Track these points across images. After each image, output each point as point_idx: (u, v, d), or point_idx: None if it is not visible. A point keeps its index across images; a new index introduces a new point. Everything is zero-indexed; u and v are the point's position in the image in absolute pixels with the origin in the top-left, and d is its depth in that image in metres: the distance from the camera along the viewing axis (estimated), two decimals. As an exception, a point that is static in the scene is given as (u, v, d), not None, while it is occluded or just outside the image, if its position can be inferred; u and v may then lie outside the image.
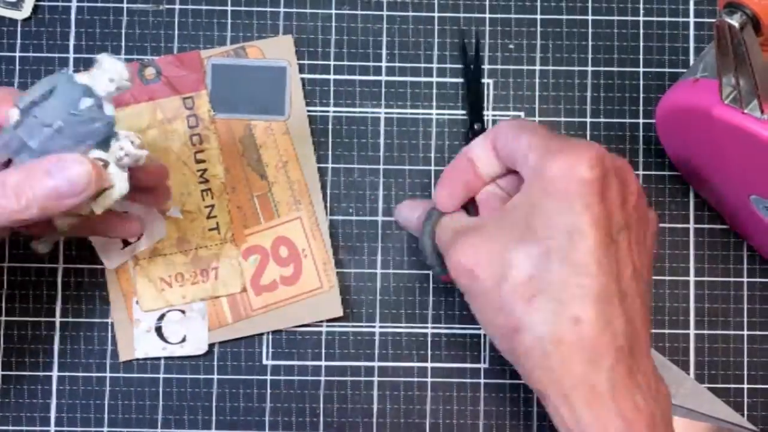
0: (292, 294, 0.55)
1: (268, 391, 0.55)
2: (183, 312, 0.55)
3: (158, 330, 0.55)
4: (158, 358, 0.55)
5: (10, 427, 0.55)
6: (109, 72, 0.43)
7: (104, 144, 0.44)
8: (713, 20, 0.55)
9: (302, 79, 0.57)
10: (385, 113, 0.57)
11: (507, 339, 0.43)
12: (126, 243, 0.55)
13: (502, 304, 0.42)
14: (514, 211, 0.44)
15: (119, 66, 0.43)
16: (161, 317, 0.55)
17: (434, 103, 0.57)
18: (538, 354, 0.42)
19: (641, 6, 0.58)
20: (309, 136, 0.56)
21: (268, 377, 0.55)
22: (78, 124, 0.43)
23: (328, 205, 0.56)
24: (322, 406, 0.55)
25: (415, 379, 0.56)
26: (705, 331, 0.56)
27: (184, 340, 0.55)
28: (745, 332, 0.56)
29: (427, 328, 0.56)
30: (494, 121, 0.57)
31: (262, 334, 0.55)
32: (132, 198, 0.47)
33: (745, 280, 0.57)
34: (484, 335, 0.56)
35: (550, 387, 0.42)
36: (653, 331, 0.56)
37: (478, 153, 0.48)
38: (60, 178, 0.42)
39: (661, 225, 0.57)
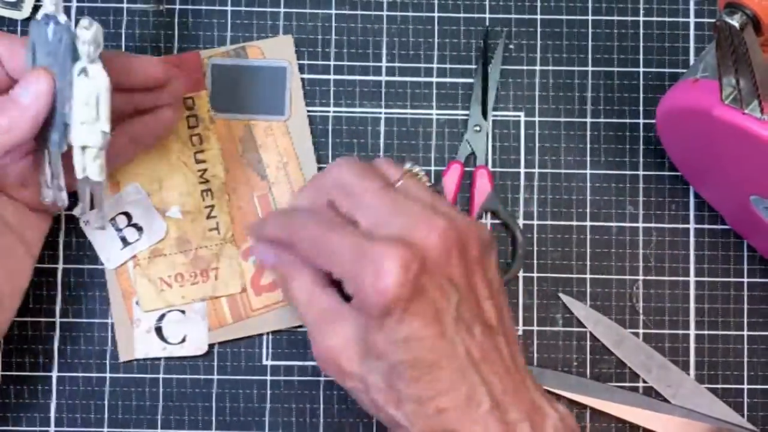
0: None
1: (268, 391, 0.55)
2: (183, 312, 0.55)
3: (158, 330, 0.55)
4: (158, 359, 0.55)
5: (10, 427, 0.55)
6: None
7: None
8: (713, 20, 0.55)
9: (302, 79, 0.57)
10: (385, 113, 0.57)
11: (390, 425, 0.45)
12: (126, 243, 0.55)
13: (375, 406, 0.45)
14: (358, 320, 0.44)
15: None
16: (161, 317, 0.55)
17: (434, 103, 0.57)
18: None
19: (641, 6, 0.58)
20: (309, 136, 0.56)
21: (268, 377, 0.55)
22: (56, 51, 0.47)
23: (328, 205, 0.56)
24: (322, 406, 0.55)
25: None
26: (705, 332, 0.56)
27: (184, 340, 0.55)
28: (746, 332, 0.56)
29: (427, 328, 0.56)
30: (492, 122, 0.57)
31: (262, 334, 0.55)
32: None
33: (745, 280, 0.57)
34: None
35: None
36: (654, 331, 0.56)
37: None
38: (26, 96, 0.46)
39: (662, 225, 0.57)
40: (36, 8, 0.56)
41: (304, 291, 0.47)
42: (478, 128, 0.57)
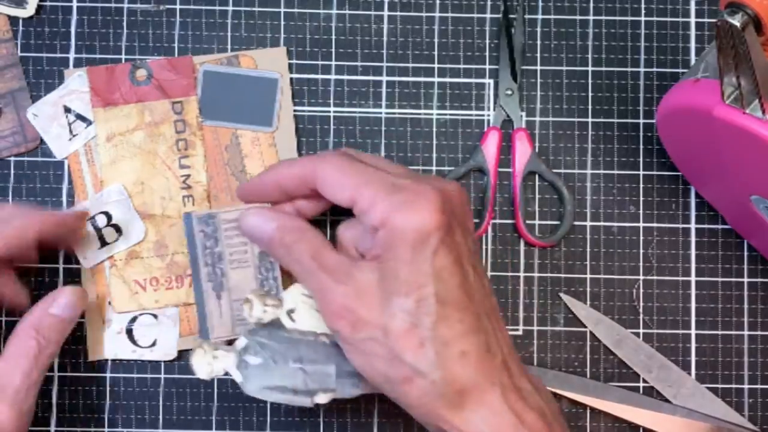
0: None
1: (269, 391, 0.55)
2: (155, 316, 0.55)
3: (129, 332, 0.55)
4: (159, 360, 0.55)
5: (10, 428, 0.55)
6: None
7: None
8: (714, 20, 0.55)
9: (302, 79, 0.57)
10: (386, 113, 0.57)
11: (399, 386, 0.45)
12: (104, 243, 0.55)
13: (391, 355, 0.44)
14: (381, 262, 0.45)
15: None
16: (133, 320, 0.55)
17: (434, 103, 0.57)
18: (434, 396, 0.44)
19: (642, 6, 0.58)
20: (295, 150, 0.56)
21: (269, 377, 0.55)
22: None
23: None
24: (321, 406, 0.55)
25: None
26: (706, 332, 0.56)
27: (154, 344, 0.55)
28: (746, 332, 0.56)
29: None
30: (488, 122, 0.57)
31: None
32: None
33: (745, 280, 0.57)
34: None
35: (450, 420, 0.44)
36: (654, 331, 0.56)
37: (287, 183, 0.49)
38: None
39: (662, 225, 0.57)
40: (39, 8, 0.56)
41: (310, 253, 0.47)
42: (510, 92, 0.57)
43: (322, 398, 0.48)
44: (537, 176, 0.57)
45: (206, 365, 0.48)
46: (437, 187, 0.45)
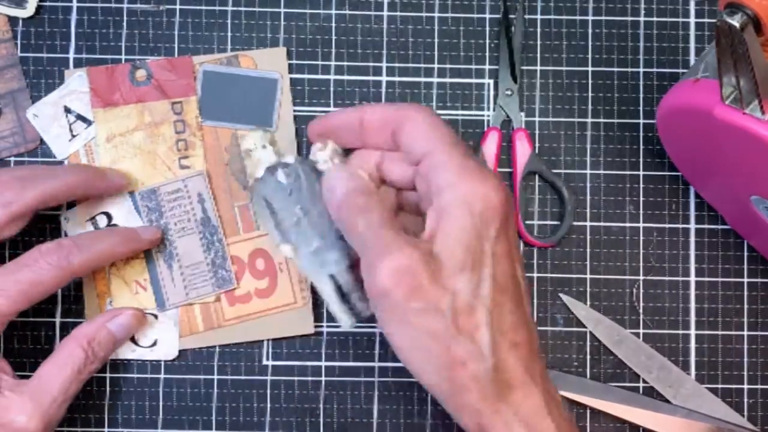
0: (265, 307, 0.55)
1: (268, 391, 0.55)
2: (156, 316, 0.55)
3: None
4: (159, 359, 0.55)
5: (10, 428, 0.55)
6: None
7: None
8: (714, 20, 0.55)
9: (302, 79, 0.57)
10: (386, 113, 0.57)
11: (445, 368, 0.42)
12: None
13: (448, 333, 0.42)
14: (444, 235, 0.43)
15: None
16: None
17: (434, 103, 0.57)
18: (485, 383, 0.42)
19: (642, 6, 0.58)
20: (295, 150, 0.56)
21: (269, 378, 0.55)
22: (298, 187, 0.50)
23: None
24: (322, 406, 0.55)
25: (416, 380, 0.55)
26: (706, 332, 0.56)
27: (154, 344, 0.55)
28: (746, 332, 0.56)
29: (427, 328, 0.56)
30: (488, 122, 0.57)
31: (232, 344, 0.55)
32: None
33: (745, 280, 0.57)
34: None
35: (494, 410, 0.42)
36: (654, 331, 0.56)
37: (371, 119, 0.48)
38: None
39: (662, 225, 0.57)
40: (38, 8, 0.56)
41: (384, 215, 0.45)
42: (509, 92, 0.57)
43: (287, 250, 0.49)
44: (537, 177, 0.57)
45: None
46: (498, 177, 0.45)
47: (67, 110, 0.56)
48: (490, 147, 0.56)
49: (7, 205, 0.49)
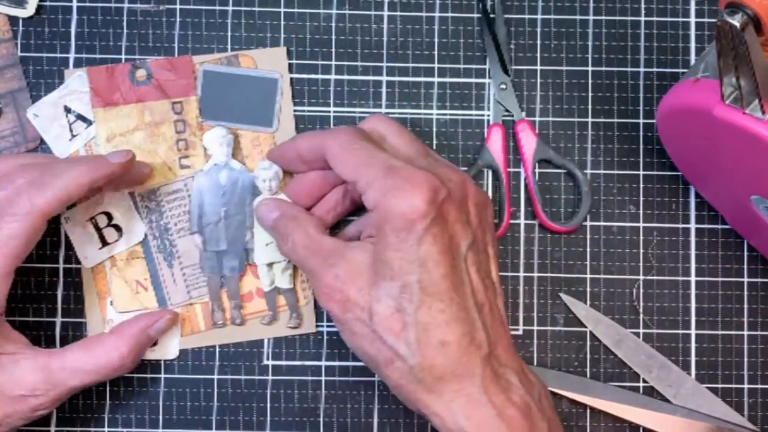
0: (266, 307, 0.55)
1: (269, 391, 0.55)
2: None
3: None
4: (158, 359, 0.55)
5: (11, 428, 0.55)
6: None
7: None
8: (714, 20, 0.55)
9: (302, 79, 0.57)
10: (386, 113, 0.57)
11: (382, 367, 0.46)
12: (104, 243, 0.55)
13: (374, 337, 0.46)
14: (371, 246, 0.46)
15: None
16: None
17: (434, 103, 0.57)
18: (412, 380, 0.45)
19: (642, 6, 0.58)
20: None
21: (269, 377, 0.55)
22: (232, 191, 0.55)
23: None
24: (322, 406, 0.55)
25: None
26: (706, 332, 0.56)
27: (154, 344, 0.55)
28: (746, 332, 0.56)
29: (427, 328, 0.56)
30: (488, 122, 0.57)
31: (232, 344, 0.55)
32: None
33: (745, 280, 0.57)
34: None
35: (429, 404, 0.46)
36: (654, 331, 0.56)
37: (303, 151, 0.52)
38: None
39: (662, 225, 0.57)
40: (38, 7, 0.56)
41: (307, 237, 0.49)
42: (504, 86, 0.57)
43: (197, 240, 0.55)
44: (543, 167, 0.57)
45: None
46: (438, 174, 0.46)
47: (67, 110, 0.56)
48: (495, 144, 0.56)
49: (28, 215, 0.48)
